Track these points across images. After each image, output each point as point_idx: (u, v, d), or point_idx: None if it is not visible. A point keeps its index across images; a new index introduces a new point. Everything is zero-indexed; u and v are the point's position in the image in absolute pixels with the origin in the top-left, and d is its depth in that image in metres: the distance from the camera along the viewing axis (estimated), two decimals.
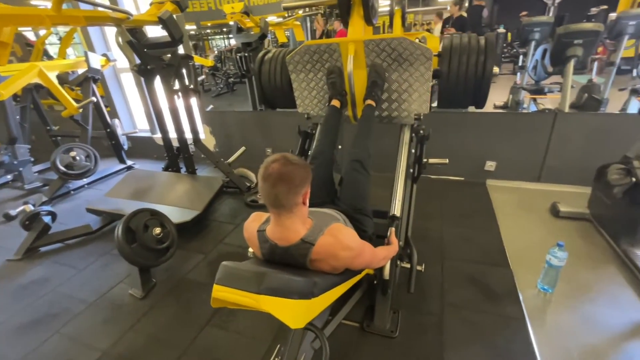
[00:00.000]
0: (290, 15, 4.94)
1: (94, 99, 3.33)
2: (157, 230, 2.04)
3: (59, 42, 4.48)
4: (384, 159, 1.98)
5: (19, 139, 3.38)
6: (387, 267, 1.49)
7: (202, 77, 4.98)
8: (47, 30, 3.93)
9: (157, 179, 3.11)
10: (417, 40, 1.67)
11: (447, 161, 2.04)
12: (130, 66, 2.67)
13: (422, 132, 1.82)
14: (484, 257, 2.06)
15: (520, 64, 4.46)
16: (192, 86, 2.84)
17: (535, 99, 3.94)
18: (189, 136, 3.04)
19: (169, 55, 2.68)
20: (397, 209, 1.63)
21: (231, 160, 3.20)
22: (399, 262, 1.63)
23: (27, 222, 2.47)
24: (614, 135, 2.46)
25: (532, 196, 2.69)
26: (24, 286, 2.16)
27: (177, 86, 2.81)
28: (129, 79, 4.30)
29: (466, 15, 5.52)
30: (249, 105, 3.94)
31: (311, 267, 1.12)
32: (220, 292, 0.96)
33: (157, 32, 2.55)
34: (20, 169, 3.51)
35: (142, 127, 4.63)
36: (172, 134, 3.01)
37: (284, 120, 3.46)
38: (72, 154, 3.01)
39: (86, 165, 3.09)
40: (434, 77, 1.80)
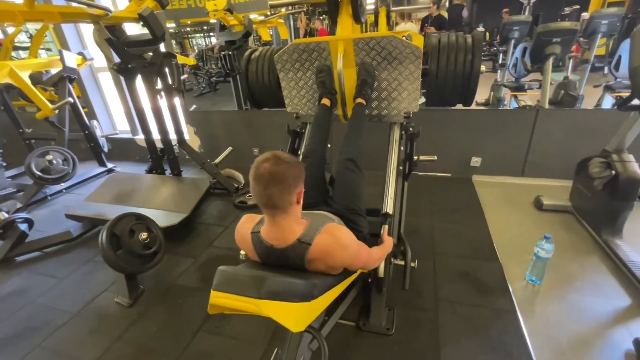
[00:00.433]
0: (273, 13, 4.89)
1: (70, 99, 3.18)
2: (143, 235, 1.96)
3: (29, 40, 4.26)
4: (374, 157, 1.98)
5: None
6: (382, 265, 1.49)
7: (184, 76, 4.84)
8: (16, 27, 3.71)
9: (141, 182, 3.00)
10: (404, 38, 1.68)
11: (435, 158, 2.07)
12: (108, 65, 2.57)
13: (411, 129, 1.84)
14: (473, 251, 2.10)
15: (500, 61, 4.58)
16: (175, 85, 2.75)
17: (516, 96, 4.06)
18: (173, 137, 2.95)
19: (151, 53, 2.59)
20: (389, 207, 1.64)
21: (218, 161, 3.13)
22: (392, 260, 1.64)
23: (1, 230, 2.34)
24: (591, 129, 2.56)
25: (516, 190, 2.77)
26: (0, 299, 2.04)
27: (160, 85, 2.72)
28: (107, 79, 4.13)
29: (446, 14, 5.64)
30: (233, 104, 3.87)
31: (309, 267, 1.11)
32: (218, 299, 0.93)
33: (135, 30, 2.46)
34: None
35: (123, 128, 4.47)
36: (155, 135, 2.91)
37: (270, 119, 3.41)
38: (49, 157, 2.87)
39: (64, 169, 2.95)
40: (423, 75, 1.81)
